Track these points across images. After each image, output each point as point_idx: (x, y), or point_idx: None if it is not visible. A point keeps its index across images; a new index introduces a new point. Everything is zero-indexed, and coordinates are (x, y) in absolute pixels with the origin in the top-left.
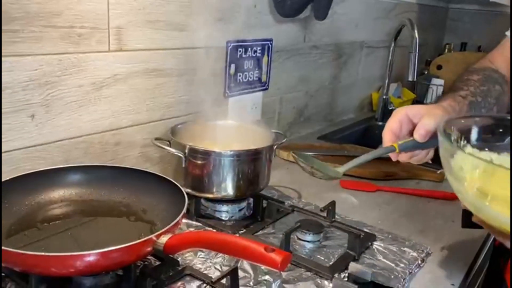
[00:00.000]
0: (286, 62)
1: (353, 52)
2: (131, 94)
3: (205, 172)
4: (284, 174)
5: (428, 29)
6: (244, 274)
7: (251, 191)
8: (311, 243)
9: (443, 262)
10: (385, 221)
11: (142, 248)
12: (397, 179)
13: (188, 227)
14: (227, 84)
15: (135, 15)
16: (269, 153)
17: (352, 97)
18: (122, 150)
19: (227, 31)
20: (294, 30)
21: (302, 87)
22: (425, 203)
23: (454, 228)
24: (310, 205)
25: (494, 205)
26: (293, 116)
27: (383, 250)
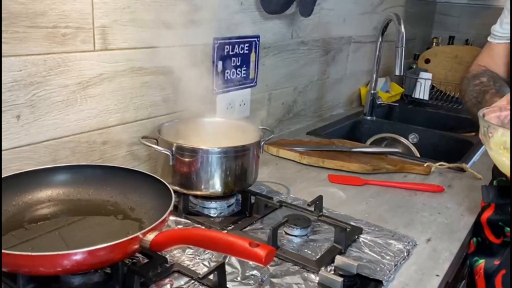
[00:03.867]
0: (274, 59)
1: (341, 47)
2: (118, 93)
3: (192, 169)
4: (273, 170)
5: (416, 23)
6: (232, 269)
7: (239, 187)
8: (299, 238)
9: (429, 254)
10: (372, 214)
11: (128, 246)
12: (384, 173)
13: (177, 224)
14: (215, 81)
15: (119, 14)
16: (256, 149)
17: (341, 92)
18: (110, 149)
19: (214, 28)
20: (281, 26)
21: (290, 83)
22: (412, 196)
23: (440, 220)
24: (298, 200)
25: None
26: (282, 112)
27: (370, 243)
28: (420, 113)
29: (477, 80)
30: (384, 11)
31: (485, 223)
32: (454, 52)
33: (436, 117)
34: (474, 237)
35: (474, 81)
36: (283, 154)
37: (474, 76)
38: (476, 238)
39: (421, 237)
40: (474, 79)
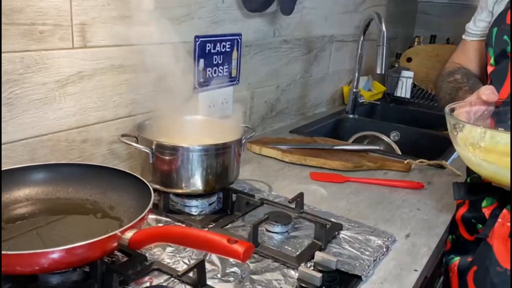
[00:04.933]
0: (256, 57)
1: (323, 46)
2: (97, 91)
3: (173, 167)
4: (256, 168)
5: (398, 22)
6: (212, 267)
7: (221, 185)
8: (280, 234)
9: (408, 249)
10: (353, 210)
11: (107, 244)
12: (365, 170)
13: (157, 223)
14: (196, 79)
15: (99, 11)
16: (238, 147)
17: (323, 91)
18: (89, 147)
19: (195, 26)
20: (263, 24)
21: (273, 82)
22: (392, 193)
23: (419, 216)
24: (280, 198)
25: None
26: (265, 111)
27: (349, 239)
28: (402, 111)
29: (451, 77)
30: (366, 10)
31: (460, 221)
32: (435, 51)
33: (417, 115)
34: (450, 235)
35: (449, 78)
36: (266, 152)
37: (448, 73)
38: (452, 236)
39: (400, 233)
40: (448, 76)
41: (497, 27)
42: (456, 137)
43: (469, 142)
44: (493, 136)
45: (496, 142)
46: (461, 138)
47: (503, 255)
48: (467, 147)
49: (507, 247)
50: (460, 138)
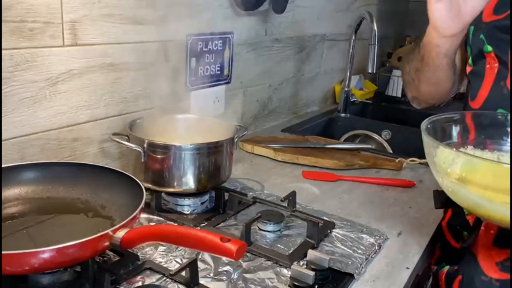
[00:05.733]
0: (248, 55)
1: (315, 45)
2: (88, 89)
3: (165, 166)
4: (248, 166)
5: (389, 21)
6: (204, 265)
7: (213, 184)
8: (272, 233)
9: (399, 247)
10: (345, 209)
11: (98, 243)
12: (357, 169)
13: (149, 222)
14: (188, 77)
15: (90, 9)
16: (230, 145)
17: (316, 90)
18: (80, 146)
19: (187, 24)
20: (255, 23)
21: (265, 80)
22: (384, 191)
23: (411, 214)
24: (272, 196)
25: (474, 192)
26: (257, 109)
27: (342, 237)
28: (393, 110)
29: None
30: (358, 9)
31: (446, 228)
32: None
33: (408, 113)
34: (438, 242)
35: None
36: (258, 151)
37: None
38: (440, 243)
39: (392, 231)
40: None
41: (473, 26)
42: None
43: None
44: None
45: (471, 168)
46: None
47: (487, 264)
48: (438, 172)
49: (492, 255)
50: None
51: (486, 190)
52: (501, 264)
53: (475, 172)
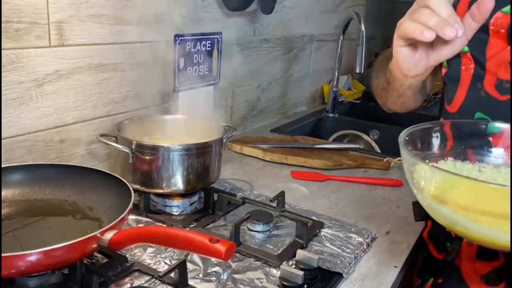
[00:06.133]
0: (236, 56)
1: (304, 45)
2: (76, 90)
3: (153, 167)
4: (237, 167)
5: (377, 22)
6: (194, 266)
7: (202, 185)
8: (261, 233)
9: (388, 246)
10: (333, 209)
11: (86, 245)
12: (346, 169)
13: (138, 223)
14: (176, 78)
15: (76, 9)
16: (219, 146)
17: (304, 90)
18: (68, 147)
19: (175, 25)
20: (243, 23)
21: (254, 81)
22: (372, 191)
23: (398, 213)
24: (261, 196)
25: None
26: (245, 110)
27: (331, 236)
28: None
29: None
30: (345, 10)
31: (428, 239)
32: None
33: (395, 113)
34: (421, 253)
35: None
36: (247, 151)
37: (384, 55)
38: (422, 254)
39: (381, 230)
40: (383, 57)
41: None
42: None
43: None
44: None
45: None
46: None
47: (472, 278)
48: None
49: (476, 268)
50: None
51: (467, 211)
52: (486, 277)
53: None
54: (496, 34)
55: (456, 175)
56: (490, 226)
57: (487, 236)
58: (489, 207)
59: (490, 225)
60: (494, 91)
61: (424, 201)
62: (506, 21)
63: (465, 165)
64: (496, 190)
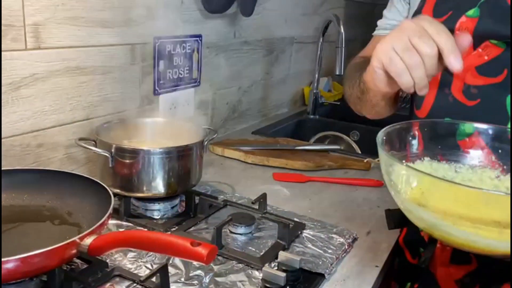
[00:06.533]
0: (217, 58)
1: (284, 47)
2: (53, 93)
3: (133, 171)
4: (219, 169)
5: (356, 24)
6: (175, 270)
7: (183, 188)
8: (243, 236)
9: (369, 246)
10: (315, 210)
11: (65, 251)
12: (327, 170)
13: (118, 228)
14: (156, 81)
15: (53, 12)
16: (200, 149)
17: (285, 92)
18: (46, 152)
19: (154, 27)
20: (223, 26)
21: (234, 83)
22: (353, 191)
23: (379, 213)
24: (243, 199)
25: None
26: (227, 112)
27: (312, 237)
28: None
29: (359, 65)
30: (325, 12)
31: (403, 244)
32: None
33: None
34: (397, 257)
35: (356, 66)
36: (228, 154)
37: (356, 64)
38: (399, 259)
39: (362, 230)
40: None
41: None
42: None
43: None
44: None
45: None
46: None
47: (447, 283)
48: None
49: (450, 273)
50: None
51: (446, 214)
52: (461, 282)
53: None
54: None
55: (434, 177)
56: (469, 230)
57: (465, 240)
58: (467, 210)
59: (469, 229)
60: (461, 97)
61: (402, 204)
62: (471, 25)
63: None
64: (473, 193)
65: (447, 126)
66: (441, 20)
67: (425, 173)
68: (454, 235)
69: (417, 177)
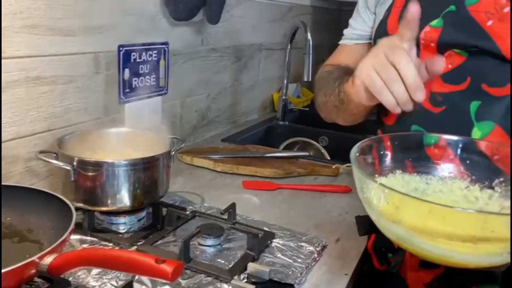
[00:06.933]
0: (185, 66)
1: (253, 54)
2: (12, 105)
3: (97, 184)
4: (188, 179)
5: (324, 30)
6: (141, 287)
7: (150, 200)
8: (212, 247)
9: (338, 254)
10: (285, 218)
11: (23, 272)
12: (296, 176)
13: (82, 243)
14: (121, 90)
15: (11, 20)
16: (167, 159)
17: (254, 98)
18: (5, 165)
19: (119, 35)
20: (190, 33)
21: (203, 90)
22: (322, 198)
23: (348, 220)
24: (213, 209)
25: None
26: (196, 120)
27: (282, 247)
28: None
29: (330, 76)
30: (293, 18)
31: (372, 250)
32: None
33: None
34: (365, 264)
35: (328, 76)
36: (197, 162)
37: (328, 71)
38: (367, 265)
39: (331, 237)
40: (328, 74)
41: (380, 38)
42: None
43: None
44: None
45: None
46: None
47: (415, 286)
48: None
49: (420, 277)
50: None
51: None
52: (430, 286)
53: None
54: (427, 48)
55: (404, 195)
56: (444, 246)
57: (441, 255)
58: (442, 226)
59: (444, 245)
60: (428, 104)
61: (377, 221)
62: (435, 35)
63: (413, 178)
64: (445, 210)
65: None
66: None
67: (395, 190)
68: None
69: (389, 194)
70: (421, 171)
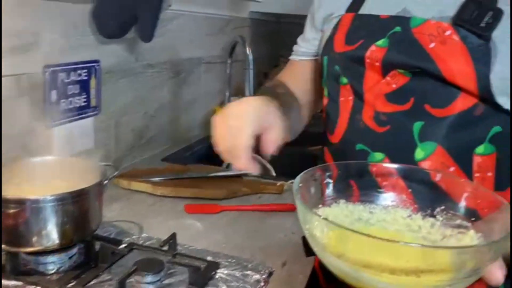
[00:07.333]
0: (119, 83)
1: (192, 68)
2: None
3: (20, 221)
4: (125, 205)
5: (263, 42)
6: None
7: (81, 236)
8: (151, 285)
9: (285, 279)
10: (229, 243)
11: None
12: (241, 196)
13: None
14: (48, 113)
15: None
16: (97, 190)
17: (196, 114)
18: None
19: (44, 55)
20: (123, 50)
21: (140, 108)
22: (267, 218)
23: (294, 240)
24: (152, 239)
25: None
26: (133, 139)
27: (226, 277)
28: None
29: (274, 89)
30: (232, 31)
31: (319, 269)
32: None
33: None
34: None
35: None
36: (136, 187)
37: (275, 85)
38: (316, 285)
39: (277, 261)
40: (274, 85)
41: (326, 56)
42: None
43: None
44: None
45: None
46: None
47: None
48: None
49: None
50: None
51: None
52: None
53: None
54: (372, 67)
55: (343, 228)
56: (388, 281)
57: None
58: (387, 259)
59: (388, 280)
60: (372, 123)
61: (322, 256)
62: (380, 55)
63: (357, 207)
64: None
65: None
66: (353, 47)
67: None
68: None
69: (329, 227)
70: (365, 200)
